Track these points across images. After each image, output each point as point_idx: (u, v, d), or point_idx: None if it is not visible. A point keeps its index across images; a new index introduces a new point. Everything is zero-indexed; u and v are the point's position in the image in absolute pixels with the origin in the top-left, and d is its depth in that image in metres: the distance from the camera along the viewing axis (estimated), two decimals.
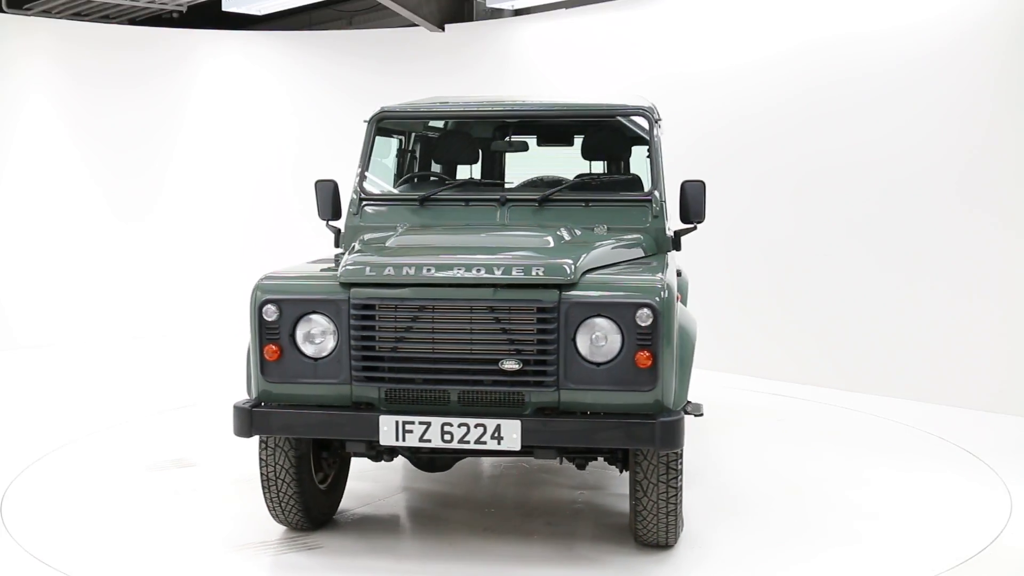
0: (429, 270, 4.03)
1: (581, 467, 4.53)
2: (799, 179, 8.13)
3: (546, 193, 4.95)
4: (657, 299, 3.91)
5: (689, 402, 5.97)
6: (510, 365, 3.95)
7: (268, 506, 4.58)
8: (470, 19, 11.02)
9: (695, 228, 5.05)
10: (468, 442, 3.96)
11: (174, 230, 10.96)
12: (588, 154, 5.54)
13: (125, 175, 10.77)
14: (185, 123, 11.04)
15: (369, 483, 5.47)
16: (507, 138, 5.80)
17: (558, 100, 5.43)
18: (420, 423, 3.98)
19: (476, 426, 3.95)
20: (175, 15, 12.58)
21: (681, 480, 4.20)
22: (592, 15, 9.62)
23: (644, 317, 3.90)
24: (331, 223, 5.18)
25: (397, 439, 4.00)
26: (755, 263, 8.37)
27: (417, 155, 5.82)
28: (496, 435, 3.94)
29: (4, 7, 11.07)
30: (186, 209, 10.99)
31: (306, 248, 6.31)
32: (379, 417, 4.01)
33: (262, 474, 4.47)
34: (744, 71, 8.37)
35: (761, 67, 8.28)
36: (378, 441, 4.03)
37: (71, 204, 10.49)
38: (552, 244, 4.34)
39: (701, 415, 5.61)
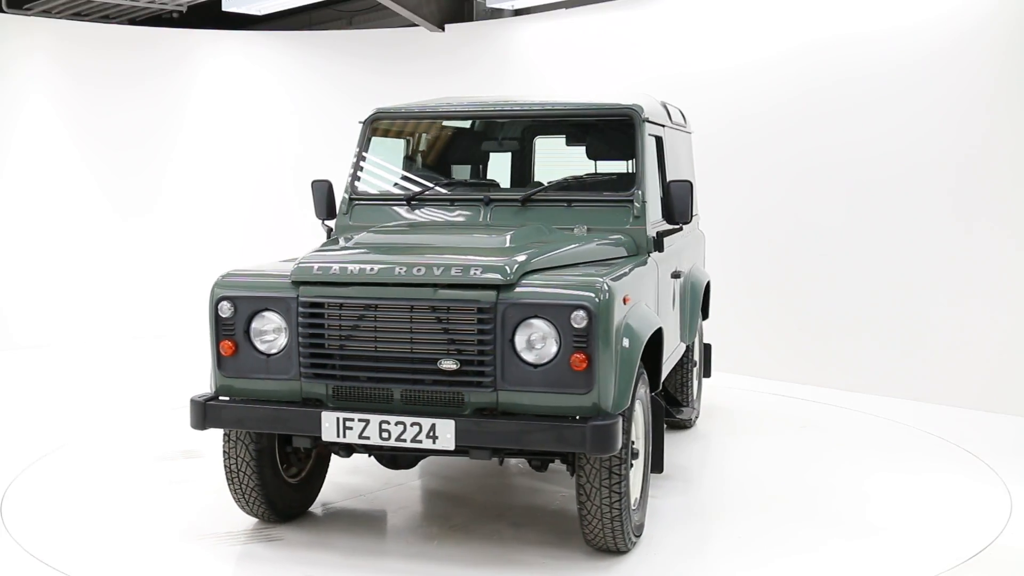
0: (373, 269, 4.12)
1: (539, 469, 4.51)
2: (798, 179, 8.12)
3: (528, 193, 5.01)
4: (592, 301, 3.89)
5: (682, 407, 5.93)
6: (448, 365, 4.01)
7: (233, 497, 4.69)
8: (470, 19, 11.02)
9: (680, 229, 5.03)
10: (405, 440, 4.01)
11: (173, 230, 10.96)
12: (590, 153, 5.56)
13: (125, 175, 10.75)
14: (185, 123, 11.04)
15: (362, 477, 5.51)
16: (499, 138, 5.82)
17: (546, 99, 5.45)
18: (359, 420, 4.05)
19: (412, 425, 4.00)
20: (175, 15, 12.57)
21: (627, 485, 4.15)
22: (592, 15, 9.62)
23: (579, 319, 3.89)
24: (326, 222, 5.30)
25: (338, 435, 4.08)
26: (753, 263, 8.37)
27: (423, 155, 5.86)
28: (431, 434, 3.98)
29: (4, 7, 11.07)
30: (186, 209, 10.99)
31: (305, 247, 6.28)
32: (321, 413, 4.10)
33: (225, 466, 4.60)
34: (744, 71, 8.37)
35: (761, 67, 8.28)
36: (320, 437, 4.12)
37: (70, 204, 10.48)
38: (505, 245, 4.35)
39: (689, 425, 5.62)
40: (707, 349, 6.97)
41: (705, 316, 6.72)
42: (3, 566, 4.37)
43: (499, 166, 6.06)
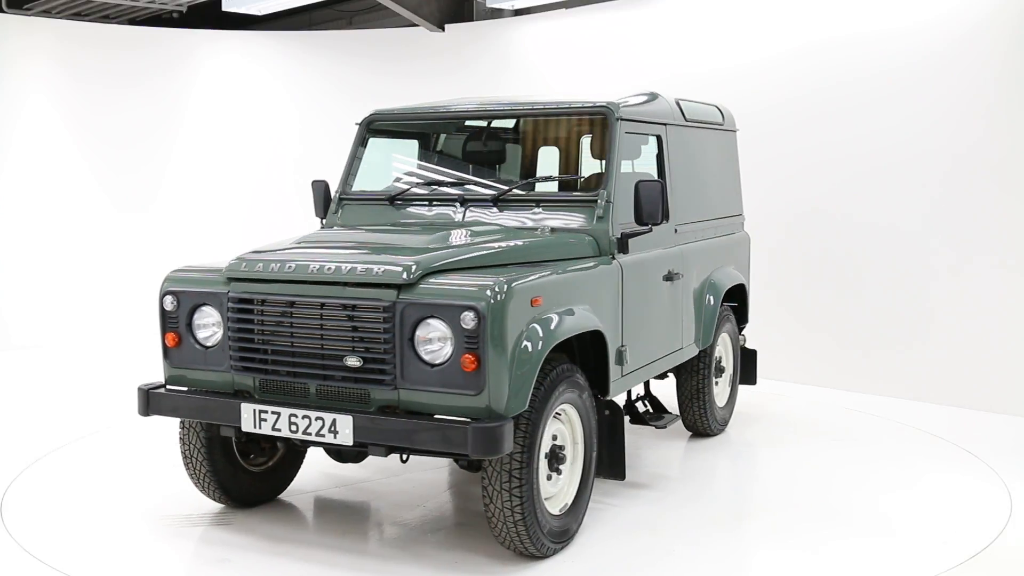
0: (291, 267, 4.25)
1: (466, 468, 4.55)
2: (797, 179, 8.12)
3: (498, 193, 5.07)
4: (483, 302, 3.89)
5: (664, 415, 5.77)
6: (352, 362, 4.11)
7: (192, 483, 4.92)
8: (470, 19, 11.02)
9: (650, 230, 4.98)
10: (311, 434, 4.14)
11: (173, 229, 10.95)
12: (565, 153, 5.62)
13: (124, 175, 10.75)
14: (185, 123, 11.03)
15: (359, 467, 5.60)
16: (483, 139, 5.85)
17: (525, 99, 5.50)
18: (272, 412, 4.22)
19: (316, 419, 4.12)
20: (175, 15, 12.58)
21: (529, 489, 4.12)
22: (592, 15, 9.62)
23: (468, 320, 3.91)
24: (324, 221, 5.52)
25: (254, 427, 4.26)
26: (751, 263, 8.35)
27: (415, 156, 5.92)
28: (332, 429, 4.09)
29: (4, 7, 11.07)
30: (185, 208, 10.98)
31: None
32: (240, 405, 4.28)
33: (181, 452, 4.83)
34: (744, 72, 8.36)
35: (761, 68, 8.28)
36: (240, 427, 4.30)
37: (70, 203, 10.47)
38: (425, 245, 4.39)
39: (663, 427, 5.55)
40: (750, 355, 6.82)
41: (741, 320, 6.68)
42: (3, 566, 4.37)
43: (489, 166, 6.08)
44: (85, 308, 10.38)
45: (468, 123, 5.82)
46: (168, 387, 4.59)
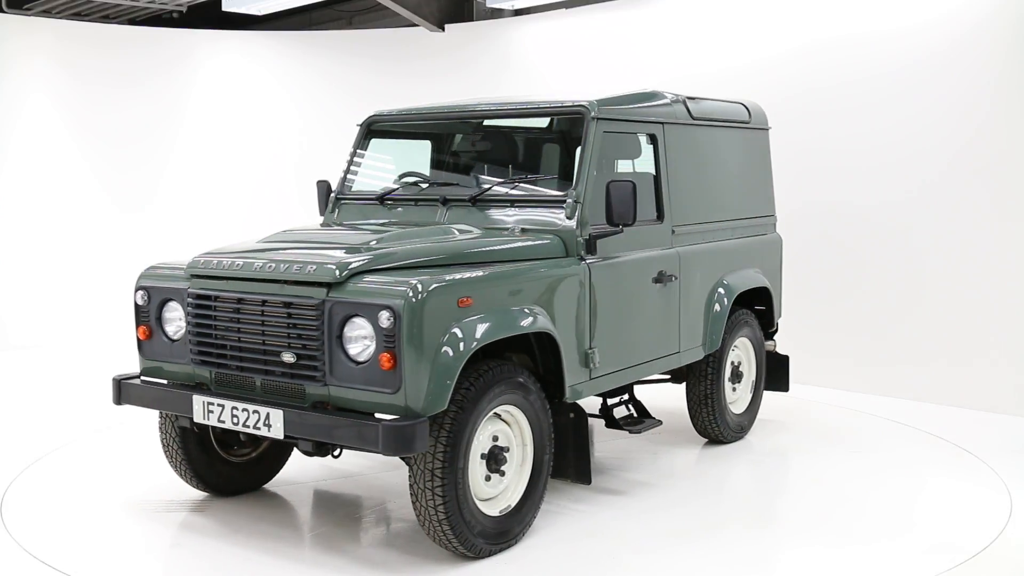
0: (239, 265, 4.41)
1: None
2: (797, 179, 8.11)
3: (475, 194, 5.11)
4: (399, 302, 3.95)
5: (644, 420, 5.52)
6: (288, 358, 4.23)
7: (172, 471, 5.13)
8: (470, 19, 11.02)
9: (620, 231, 4.90)
10: (249, 426, 4.30)
11: (172, 229, 10.94)
12: (543, 152, 5.63)
13: (124, 175, 10.74)
14: (185, 123, 11.03)
15: (364, 459, 5.65)
16: (471, 140, 5.86)
17: (507, 100, 5.53)
18: (217, 405, 4.40)
19: (253, 412, 4.28)
20: (175, 15, 12.57)
21: (453, 489, 4.12)
22: (592, 15, 9.61)
23: (385, 319, 3.97)
24: (323, 219, 5.68)
25: (203, 418, 4.45)
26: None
27: (412, 157, 5.97)
28: (267, 423, 4.24)
29: (4, 7, 11.07)
30: (185, 208, 10.98)
31: None
32: (192, 396, 4.48)
33: (160, 441, 5.06)
34: (744, 72, 8.36)
35: (761, 68, 8.27)
36: (193, 418, 4.50)
37: (70, 203, 10.47)
38: (367, 243, 4.46)
39: (637, 432, 5.35)
40: (782, 361, 6.68)
41: (768, 326, 6.58)
42: (3, 566, 4.37)
43: (478, 166, 6.09)
44: (85, 308, 10.38)
45: (459, 124, 5.84)
46: (143, 378, 4.82)
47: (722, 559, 4.46)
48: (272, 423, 4.22)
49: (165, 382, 4.76)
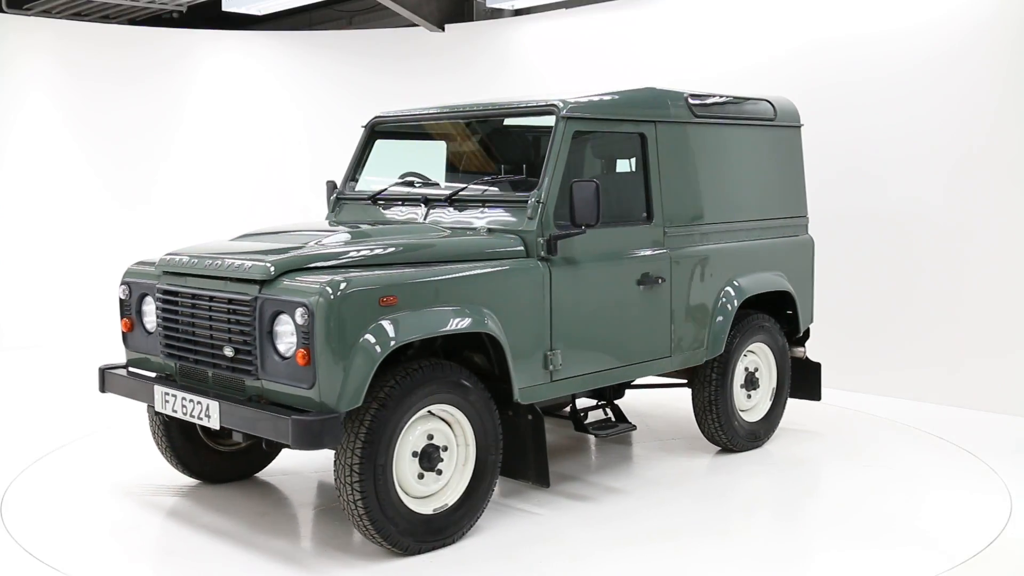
0: (194, 262, 4.62)
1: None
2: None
3: (451, 193, 5.17)
4: (314, 299, 4.05)
5: (612, 424, 5.43)
6: (228, 352, 4.42)
7: (161, 456, 5.35)
8: (470, 19, 11.02)
9: (582, 232, 4.84)
10: (195, 416, 4.49)
11: (172, 230, 10.93)
12: (516, 152, 5.65)
13: (124, 175, 10.74)
14: (185, 123, 11.03)
15: None
16: (458, 140, 5.89)
17: (489, 100, 5.56)
18: (171, 395, 4.62)
19: (197, 403, 4.48)
20: (175, 15, 12.57)
21: (371, 484, 4.18)
22: (592, 15, 9.62)
23: (300, 316, 4.08)
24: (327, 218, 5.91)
25: (162, 407, 4.68)
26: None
27: (409, 158, 6.07)
28: (207, 413, 4.43)
29: (4, 7, 11.06)
30: (185, 208, 10.98)
31: None
32: (154, 387, 4.71)
33: (149, 428, 5.27)
34: (744, 72, 8.36)
35: (761, 68, 8.27)
36: (155, 407, 4.73)
37: (70, 204, 10.47)
38: (308, 243, 4.55)
39: (604, 436, 5.26)
40: (812, 369, 6.44)
41: (793, 333, 6.34)
42: (3, 566, 4.37)
43: (466, 165, 6.10)
44: (85, 308, 10.37)
45: (449, 125, 5.86)
46: (128, 369, 5.08)
47: (654, 569, 4.34)
48: (211, 414, 4.40)
49: (140, 372, 5.00)
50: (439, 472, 4.46)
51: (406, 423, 4.29)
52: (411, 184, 5.54)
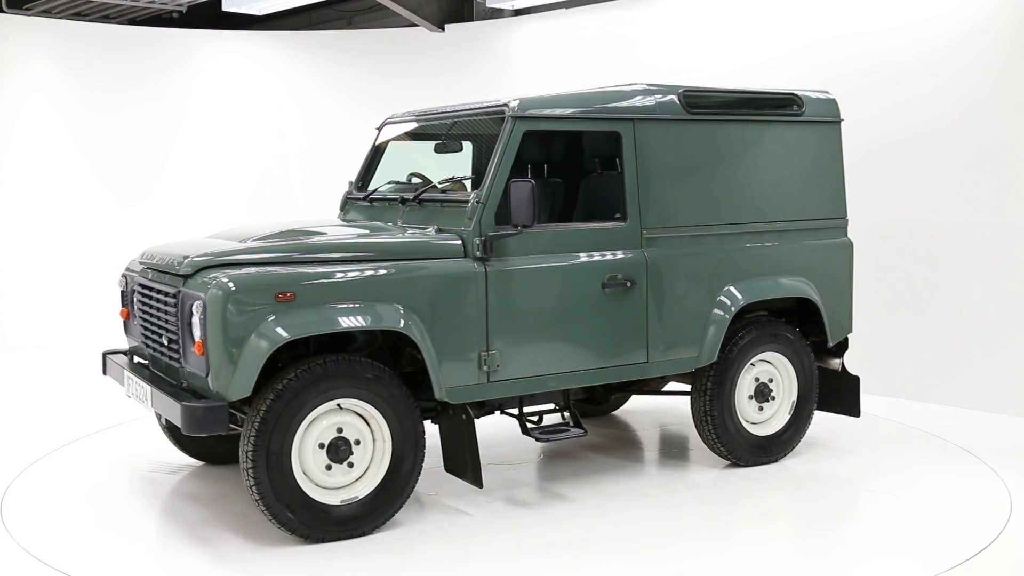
0: (151, 257, 4.98)
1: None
2: None
3: (414, 195, 5.26)
4: (207, 293, 4.31)
5: (566, 428, 5.21)
6: (164, 341, 4.73)
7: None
8: (470, 19, 11.03)
9: (519, 232, 4.77)
10: (144, 401, 4.81)
11: (172, 230, 10.92)
12: (479, 153, 5.67)
13: (124, 175, 10.74)
14: (185, 123, 11.03)
15: None
16: (444, 142, 5.90)
17: (467, 103, 5.59)
18: (131, 380, 4.97)
19: (143, 388, 4.81)
20: (175, 15, 12.57)
21: (264, 472, 4.33)
22: (592, 15, 9.62)
23: (197, 309, 4.38)
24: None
25: (128, 393, 5.01)
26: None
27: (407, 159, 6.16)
28: (148, 398, 4.75)
29: (4, 7, 11.06)
30: (185, 208, 10.97)
31: None
32: (124, 372, 5.07)
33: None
34: (744, 72, 8.35)
35: (761, 68, 8.27)
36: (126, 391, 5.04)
37: (70, 204, 10.47)
38: (244, 240, 4.75)
39: (545, 440, 5.06)
40: (849, 382, 6.06)
41: (823, 341, 5.97)
42: (3, 566, 4.38)
43: (450, 166, 6.12)
44: (85, 308, 10.36)
45: (436, 127, 5.89)
46: (124, 354, 5.45)
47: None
48: (151, 399, 4.71)
49: (121, 358, 5.39)
50: (350, 465, 4.55)
51: (307, 415, 4.43)
52: (397, 185, 5.69)
